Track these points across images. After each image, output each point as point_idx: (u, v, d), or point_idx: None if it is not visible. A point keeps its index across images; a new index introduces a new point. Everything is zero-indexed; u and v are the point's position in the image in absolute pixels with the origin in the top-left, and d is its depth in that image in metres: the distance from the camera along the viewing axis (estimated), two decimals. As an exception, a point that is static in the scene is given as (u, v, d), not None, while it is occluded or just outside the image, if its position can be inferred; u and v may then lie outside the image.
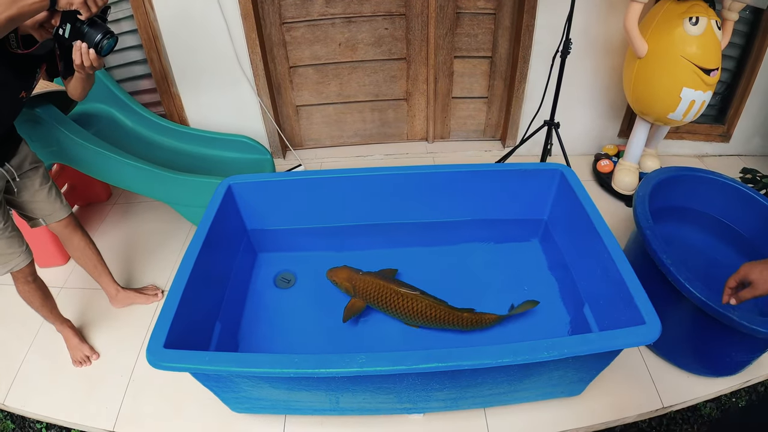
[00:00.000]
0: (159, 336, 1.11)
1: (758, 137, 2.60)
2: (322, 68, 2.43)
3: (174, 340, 1.13)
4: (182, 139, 2.21)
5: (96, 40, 1.12)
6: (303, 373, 1.02)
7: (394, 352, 1.04)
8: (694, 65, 1.85)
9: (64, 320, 1.70)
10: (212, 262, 1.46)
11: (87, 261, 1.74)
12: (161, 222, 2.26)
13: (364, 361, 1.02)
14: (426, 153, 2.70)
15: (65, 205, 1.62)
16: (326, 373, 1.01)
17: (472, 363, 1.03)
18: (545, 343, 1.08)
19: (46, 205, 1.56)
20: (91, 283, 1.86)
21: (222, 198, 1.60)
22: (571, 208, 1.59)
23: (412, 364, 1.02)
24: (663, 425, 1.57)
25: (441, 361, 1.02)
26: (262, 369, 1.02)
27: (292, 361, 1.03)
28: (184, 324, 1.20)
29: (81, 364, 1.68)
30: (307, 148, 2.75)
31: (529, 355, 1.06)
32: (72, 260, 2.09)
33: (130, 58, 2.27)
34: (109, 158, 1.80)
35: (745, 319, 1.29)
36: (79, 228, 1.69)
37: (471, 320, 1.55)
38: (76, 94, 1.37)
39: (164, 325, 1.13)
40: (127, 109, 2.16)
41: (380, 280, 1.63)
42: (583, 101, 2.45)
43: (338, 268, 1.73)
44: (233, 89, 2.36)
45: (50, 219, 1.59)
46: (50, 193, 1.56)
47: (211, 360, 1.04)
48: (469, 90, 2.55)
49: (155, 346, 1.08)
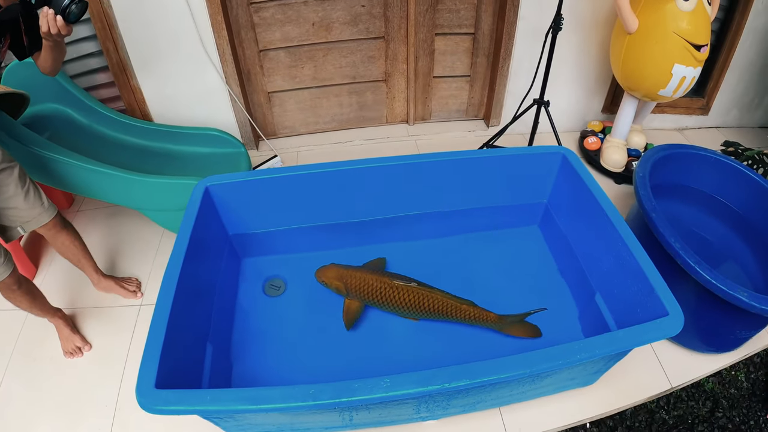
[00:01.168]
0: (148, 373, 0.97)
1: (736, 109, 2.63)
2: (294, 51, 2.26)
3: (166, 374, 1.00)
4: (147, 137, 2.01)
5: (63, 5, 1.09)
6: (322, 405, 0.91)
7: (421, 372, 0.95)
8: (685, 41, 1.81)
9: (55, 311, 1.59)
10: (196, 277, 1.31)
11: (71, 256, 1.64)
12: (131, 229, 2.06)
13: (389, 384, 0.92)
14: (407, 136, 2.58)
15: (48, 207, 1.47)
16: (348, 403, 0.91)
17: (508, 375, 0.96)
18: (578, 345, 1.03)
19: (25, 212, 1.40)
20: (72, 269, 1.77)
21: (200, 203, 1.45)
22: (576, 192, 1.53)
23: (443, 383, 0.93)
24: (670, 404, 1.58)
25: (473, 377, 0.94)
26: (275, 405, 0.91)
27: (306, 393, 0.92)
28: (174, 353, 1.07)
29: (72, 355, 1.59)
30: (281, 136, 2.58)
31: (563, 360, 1.00)
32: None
33: (83, 51, 2.02)
34: (67, 164, 1.60)
35: (754, 300, 1.29)
36: (66, 226, 1.56)
37: (471, 314, 1.48)
38: (48, 67, 1.28)
39: (153, 360, 1.00)
40: (84, 107, 1.93)
41: (373, 274, 1.54)
42: (568, 77, 2.38)
43: (326, 267, 1.62)
44: (199, 78, 2.15)
45: (30, 226, 1.45)
46: (28, 196, 1.39)
47: (213, 399, 0.92)
48: (451, 68, 2.44)
49: (145, 387, 0.94)
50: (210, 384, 1.24)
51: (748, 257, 1.73)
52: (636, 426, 1.50)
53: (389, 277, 1.53)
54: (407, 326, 1.55)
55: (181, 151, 2.04)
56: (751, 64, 2.41)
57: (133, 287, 1.79)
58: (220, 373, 1.35)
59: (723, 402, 1.58)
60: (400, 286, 1.50)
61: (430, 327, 1.55)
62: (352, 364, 1.44)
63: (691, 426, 1.52)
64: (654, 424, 1.51)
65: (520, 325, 1.49)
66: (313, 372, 1.43)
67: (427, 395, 0.97)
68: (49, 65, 1.28)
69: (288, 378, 1.41)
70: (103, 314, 1.74)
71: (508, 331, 1.49)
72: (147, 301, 1.78)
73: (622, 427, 1.49)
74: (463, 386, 0.94)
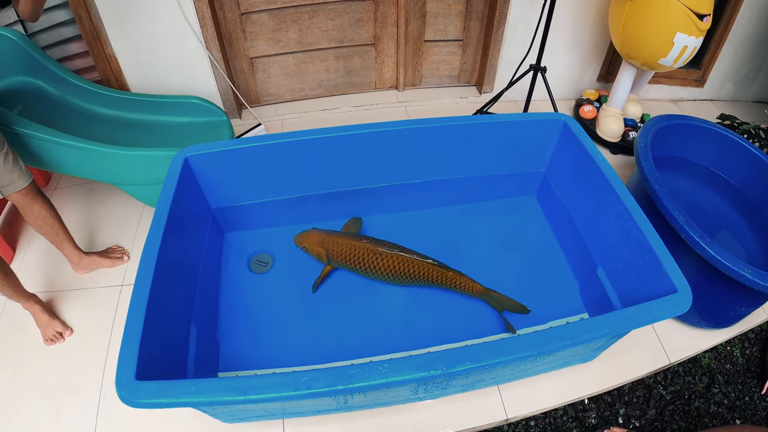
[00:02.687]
0: (128, 363, 0.89)
1: (731, 83, 2.58)
2: (278, 13, 2.11)
3: (147, 362, 0.92)
4: (124, 107, 1.87)
5: None
6: (316, 393, 0.84)
7: (421, 356, 0.89)
8: (689, 9, 1.73)
9: (30, 295, 1.50)
10: (177, 255, 1.23)
11: (48, 229, 1.54)
12: (110, 206, 1.95)
13: (388, 370, 0.86)
14: (397, 102, 2.48)
15: (25, 172, 1.40)
16: (344, 390, 0.85)
17: (513, 357, 0.90)
18: (586, 323, 0.98)
19: (4, 175, 1.33)
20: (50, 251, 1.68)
21: (179, 175, 1.34)
22: (577, 161, 1.47)
23: (445, 367, 0.87)
24: (667, 379, 1.56)
25: (477, 360, 0.89)
26: (264, 395, 0.84)
27: (299, 381, 0.85)
28: (155, 338, 1.00)
29: (53, 341, 1.51)
30: (265, 104, 2.46)
31: (571, 339, 0.95)
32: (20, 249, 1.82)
33: (55, 20, 1.86)
34: (41, 140, 1.48)
35: (758, 277, 1.27)
36: (39, 194, 1.48)
37: (456, 281, 1.44)
38: (28, 11, 1.26)
39: (132, 348, 0.91)
40: (57, 78, 1.78)
41: (356, 240, 1.49)
42: (564, 44, 2.29)
43: (307, 233, 1.56)
44: (178, 44, 2.01)
45: (8, 190, 1.37)
46: (7, 160, 1.33)
47: (199, 390, 0.85)
48: (443, 32, 2.32)
49: (125, 379, 0.86)
50: (196, 369, 1.17)
51: (745, 230, 1.71)
52: (634, 402, 1.48)
53: (373, 243, 1.47)
54: (398, 299, 1.50)
55: (159, 122, 1.91)
56: (748, 38, 2.35)
57: (117, 254, 1.72)
58: (207, 356, 1.28)
59: (719, 378, 1.57)
60: (384, 253, 1.45)
61: (421, 298, 1.51)
62: (345, 342, 1.39)
63: (688, 401, 1.51)
64: (652, 400, 1.49)
65: (506, 300, 1.45)
66: (305, 351, 1.37)
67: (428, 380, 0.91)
68: (30, 9, 1.25)
69: (279, 359, 1.35)
70: (83, 296, 1.64)
71: (495, 305, 1.45)
72: (128, 281, 1.68)
73: (621, 402, 1.47)
74: (466, 369, 0.88)
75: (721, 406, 1.51)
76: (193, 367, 1.16)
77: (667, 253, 1.15)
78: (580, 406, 1.45)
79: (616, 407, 1.46)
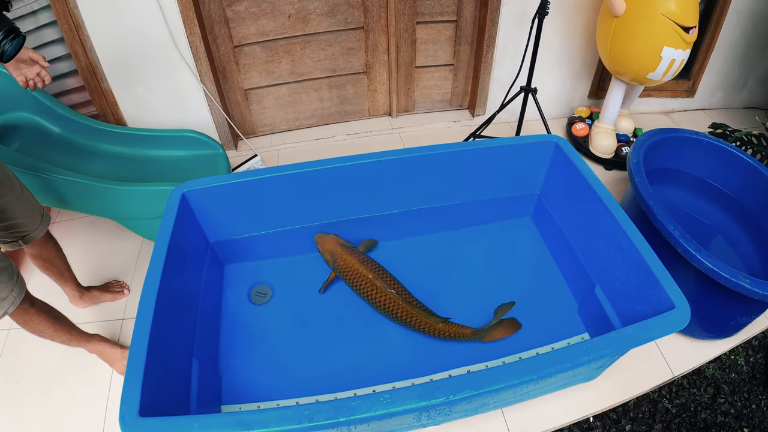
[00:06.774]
0: (131, 399, 0.90)
1: (720, 91, 2.61)
2: (270, 45, 2.16)
3: (150, 398, 0.93)
4: (121, 142, 1.90)
5: None
6: (318, 425, 0.85)
7: (422, 384, 0.89)
8: (674, 23, 1.77)
9: (91, 336, 1.45)
10: (177, 289, 1.24)
11: (55, 270, 1.52)
12: (110, 240, 1.95)
13: (389, 400, 0.86)
14: (391, 129, 2.51)
15: (45, 215, 1.34)
16: (346, 422, 0.85)
17: (514, 382, 0.90)
18: (585, 345, 0.98)
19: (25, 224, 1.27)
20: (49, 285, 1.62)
21: (177, 211, 1.36)
22: (571, 182, 1.49)
23: (446, 395, 0.87)
24: (672, 393, 1.55)
25: (478, 387, 0.89)
26: (268, 429, 0.84)
27: (302, 414, 0.85)
28: (158, 373, 1.00)
29: None
30: (260, 135, 2.49)
31: (571, 362, 0.95)
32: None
33: (51, 55, 1.89)
34: (39, 178, 1.50)
35: (757, 287, 1.27)
36: (52, 237, 1.46)
37: (445, 332, 1.42)
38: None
39: (135, 384, 0.92)
40: (54, 114, 1.82)
41: (361, 265, 1.50)
42: (553, 62, 2.33)
43: (327, 237, 1.61)
44: (172, 78, 2.05)
45: (29, 239, 1.31)
46: (27, 207, 1.27)
47: (202, 426, 0.85)
48: (434, 58, 2.36)
49: (129, 416, 0.87)
50: (199, 402, 1.16)
51: (742, 239, 1.72)
52: (640, 417, 1.47)
53: (375, 273, 1.49)
54: (398, 327, 1.50)
55: (157, 156, 1.94)
56: (735, 45, 2.39)
57: (118, 288, 1.72)
58: (209, 389, 1.28)
59: (724, 387, 1.57)
60: (380, 288, 1.46)
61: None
62: (346, 371, 1.39)
63: (695, 413, 1.50)
64: (657, 414, 1.48)
65: (497, 328, 1.45)
66: (307, 382, 1.36)
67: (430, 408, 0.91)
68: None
69: (280, 390, 1.34)
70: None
71: (490, 339, 1.44)
72: (128, 315, 1.69)
73: (626, 419, 1.47)
74: (467, 397, 0.88)
75: (729, 416, 1.50)
76: (195, 401, 1.16)
77: (664, 269, 1.16)
78: (585, 424, 1.44)
79: (622, 423, 1.45)
